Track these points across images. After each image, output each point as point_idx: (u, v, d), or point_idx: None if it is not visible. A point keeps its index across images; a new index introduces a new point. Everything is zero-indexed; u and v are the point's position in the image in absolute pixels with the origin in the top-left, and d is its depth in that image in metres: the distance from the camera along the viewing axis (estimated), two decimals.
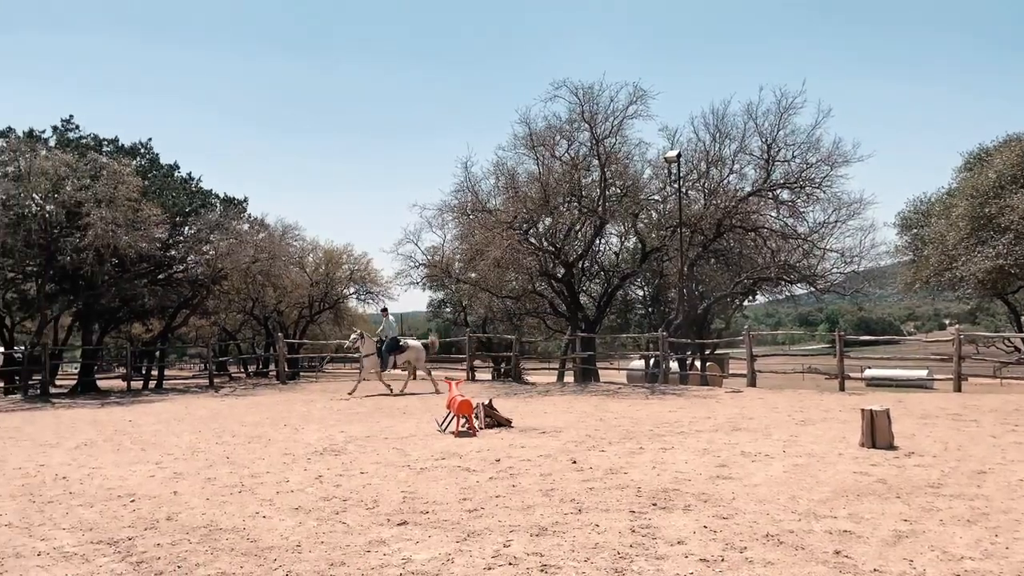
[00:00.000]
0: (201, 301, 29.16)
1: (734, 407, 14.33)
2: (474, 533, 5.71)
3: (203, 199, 26.89)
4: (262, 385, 25.34)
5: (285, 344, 26.57)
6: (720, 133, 24.12)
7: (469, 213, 24.78)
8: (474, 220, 24.43)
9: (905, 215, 28.12)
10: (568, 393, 18.77)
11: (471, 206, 24.63)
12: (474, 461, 8.79)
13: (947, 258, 22.82)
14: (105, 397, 22.04)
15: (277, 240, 30.05)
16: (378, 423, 13.01)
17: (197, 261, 26.89)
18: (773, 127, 23.07)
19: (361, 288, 37.93)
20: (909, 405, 13.66)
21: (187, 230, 26.40)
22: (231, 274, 26.81)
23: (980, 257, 21.28)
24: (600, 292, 29.37)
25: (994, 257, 20.96)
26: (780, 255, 24.66)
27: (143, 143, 27.31)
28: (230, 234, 26.27)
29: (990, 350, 26.03)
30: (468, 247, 25.21)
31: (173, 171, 27.43)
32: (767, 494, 6.79)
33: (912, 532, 5.50)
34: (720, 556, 5.01)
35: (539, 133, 23.22)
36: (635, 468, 8.16)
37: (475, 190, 24.65)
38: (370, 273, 37.31)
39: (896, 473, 7.58)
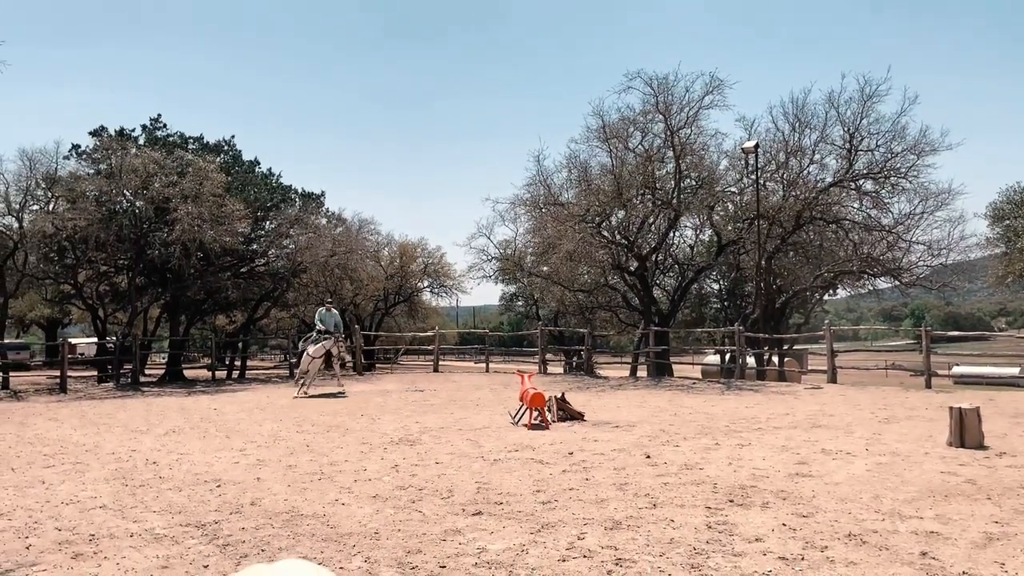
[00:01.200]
0: (282, 294, 30.03)
1: (814, 404, 13.97)
2: (548, 525, 5.73)
3: (283, 194, 27.66)
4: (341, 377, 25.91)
5: (361, 336, 27.11)
6: (800, 122, 23.55)
7: (541, 206, 24.81)
8: (546, 213, 24.44)
9: (997, 205, 26.83)
10: (641, 388, 18.62)
11: (543, 199, 24.65)
12: (547, 454, 8.82)
13: None
14: (191, 386, 22.91)
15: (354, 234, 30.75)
16: (452, 415, 13.17)
17: (278, 255, 27.70)
18: (856, 115, 22.37)
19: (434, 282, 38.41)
20: (1000, 403, 13.07)
21: (268, 224, 27.23)
22: (310, 267, 27.51)
23: None
24: (674, 286, 29.03)
25: None
26: (863, 248, 23.90)
27: (226, 140, 28.25)
28: (309, 228, 26.96)
29: None
30: (540, 240, 25.27)
31: (254, 167, 28.30)
32: (849, 493, 6.61)
33: (1003, 534, 5.27)
34: (800, 555, 4.90)
35: (612, 125, 23.06)
36: (711, 464, 8.05)
37: (547, 183, 24.68)
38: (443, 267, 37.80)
39: (986, 473, 7.27)
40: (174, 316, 28.17)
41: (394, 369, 32.20)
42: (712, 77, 21.90)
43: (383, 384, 21.16)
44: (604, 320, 35.10)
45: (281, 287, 28.89)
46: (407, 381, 21.85)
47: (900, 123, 22.01)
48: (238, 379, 26.97)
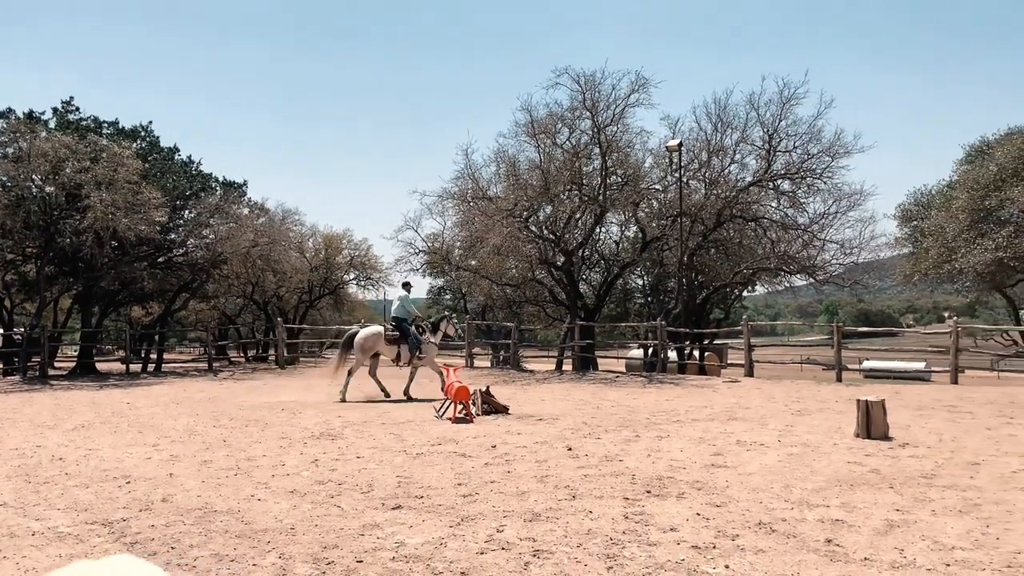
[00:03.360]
0: (201, 285, 29.20)
1: (731, 397, 14.36)
2: (468, 518, 5.73)
3: (203, 182, 26.87)
4: (261, 370, 25.38)
5: (284, 329, 26.59)
6: (722, 123, 24.11)
7: (469, 200, 24.76)
8: (474, 207, 24.41)
9: (905, 207, 28.09)
10: (566, 381, 18.81)
11: (471, 193, 24.60)
12: (470, 447, 8.82)
13: (946, 250, 22.83)
14: (104, 380, 22.08)
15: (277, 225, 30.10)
16: (375, 408, 13.04)
17: (197, 245, 26.91)
18: (775, 117, 23.06)
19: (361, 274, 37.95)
20: (906, 396, 13.69)
21: (187, 213, 26.42)
22: (231, 258, 26.82)
23: (979, 250, 21.28)
24: (600, 281, 29.36)
25: (993, 250, 20.96)
26: (780, 245, 24.66)
27: (143, 126, 27.25)
28: (230, 218, 26.28)
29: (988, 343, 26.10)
30: (468, 234, 25.23)
31: (173, 154, 27.40)
32: (761, 483, 6.81)
33: (904, 522, 5.52)
34: (712, 543, 5.03)
35: (540, 121, 23.15)
36: (630, 456, 8.19)
37: (475, 177, 24.64)
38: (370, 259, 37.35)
39: (890, 463, 7.60)
40: (86, 307, 27.08)
41: (318, 363, 31.68)
42: (638, 76, 22.22)
43: (306, 378, 20.81)
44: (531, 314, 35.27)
45: (200, 278, 28.10)
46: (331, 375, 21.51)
47: (816, 126, 22.82)
48: (154, 372, 26.12)
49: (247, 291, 34.92)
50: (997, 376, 28.62)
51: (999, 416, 11.04)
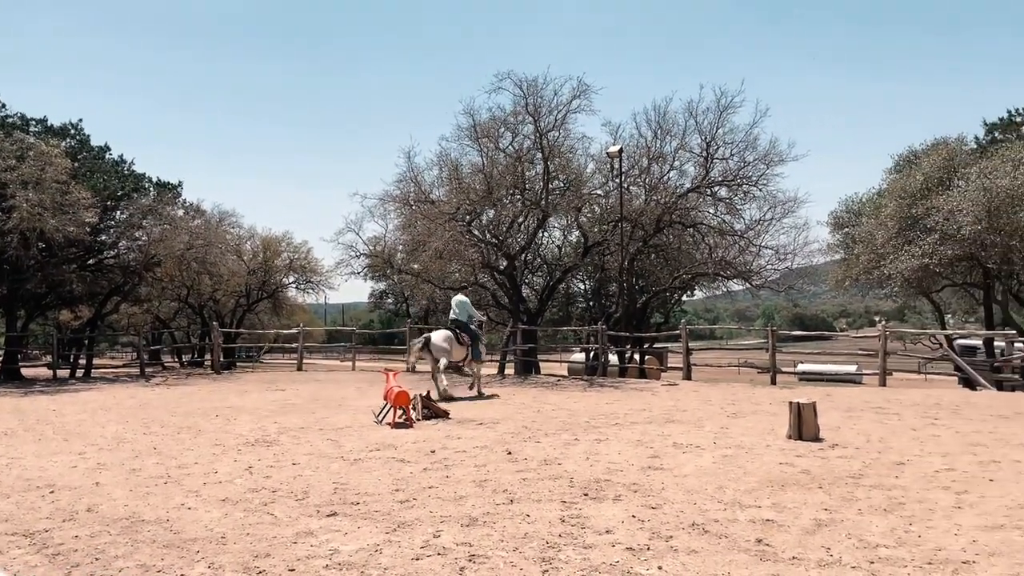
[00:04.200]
0: (133, 288, 28.36)
1: (669, 400, 14.56)
2: (404, 524, 5.69)
3: (136, 183, 26.14)
4: (196, 375, 24.78)
5: (220, 333, 26.02)
6: (661, 130, 24.47)
7: (411, 203, 24.62)
8: (416, 211, 24.28)
9: (837, 214, 28.91)
10: (507, 385, 18.83)
11: (414, 196, 24.47)
12: (409, 452, 8.76)
13: (876, 256, 23.55)
14: (29, 386, 21.28)
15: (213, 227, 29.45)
16: (313, 414, 12.85)
17: (129, 247, 26.14)
18: (712, 125, 23.49)
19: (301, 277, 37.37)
20: (836, 399, 14.07)
21: (119, 214, 25.66)
22: (165, 260, 26.12)
23: (907, 256, 22.02)
24: (542, 285, 29.48)
25: (920, 256, 21.71)
26: (717, 251, 25.12)
27: (73, 124, 26.39)
28: (164, 219, 25.62)
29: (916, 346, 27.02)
30: (410, 238, 25.08)
31: (104, 153, 26.59)
32: (696, 484, 6.92)
33: (831, 521, 5.67)
34: (646, 545, 5.09)
35: (483, 125, 23.15)
36: (569, 459, 8.23)
37: (418, 180, 24.52)
38: (310, 262, 36.80)
39: (819, 464, 7.80)
40: (11, 310, 26.04)
41: (255, 368, 31.10)
42: (580, 82, 22.40)
43: (242, 383, 20.39)
44: None
45: (132, 281, 27.27)
46: (268, 380, 21.15)
47: (752, 134, 23.33)
48: (83, 378, 25.27)
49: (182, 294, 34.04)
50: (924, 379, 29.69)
51: (924, 417, 11.42)
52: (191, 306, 36.33)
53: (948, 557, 4.82)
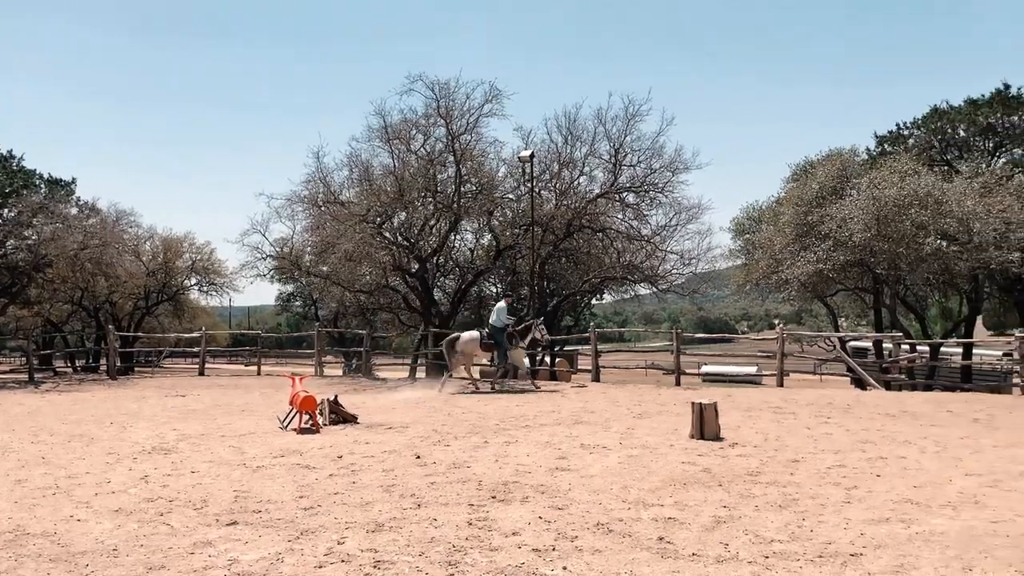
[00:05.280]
0: (22, 289, 26.87)
1: (578, 401, 14.74)
2: (308, 531, 5.57)
3: (25, 179, 24.86)
4: (90, 381, 23.65)
5: (117, 337, 24.91)
6: (572, 136, 24.88)
7: (320, 204, 24.23)
8: (326, 212, 23.90)
9: (739, 220, 29.96)
10: (419, 388, 18.68)
11: (322, 197, 24.10)
12: (315, 458, 8.58)
13: (774, 262, 24.50)
14: None
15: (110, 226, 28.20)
16: (215, 420, 12.45)
17: (17, 246, 24.79)
18: (621, 132, 24.03)
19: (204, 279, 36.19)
20: (737, 399, 14.54)
21: (6, 212, 24.28)
22: (57, 261, 24.86)
23: (803, 261, 22.98)
24: (454, 288, 29.47)
25: (815, 262, 22.71)
26: (625, 256, 25.67)
27: None
28: (56, 218, 24.41)
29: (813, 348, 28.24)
30: (319, 239, 24.64)
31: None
32: (601, 485, 7.03)
33: (730, 518, 5.86)
34: (552, 546, 5.14)
35: (395, 126, 23.03)
36: (478, 462, 8.24)
37: (327, 181, 24.19)
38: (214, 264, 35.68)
39: (720, 463, 8.05)
40: None
41: (155, 373, 29.90)
42: (492, 86, 22.56)
43: (140, 389, 19.57)
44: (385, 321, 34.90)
45: (21, 282, 25.85)
46: (168, 386, 20.37)
47: (659, 142, 24.06)
48: None
49: (75, 296, 32.42)
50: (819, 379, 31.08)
51: (818, 416, 11.93)
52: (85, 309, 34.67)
53: (838, 550, 5.05)
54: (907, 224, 21.76)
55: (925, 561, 4.80)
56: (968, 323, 28.48)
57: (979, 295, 27.34)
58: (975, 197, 22.06)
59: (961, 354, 25.50)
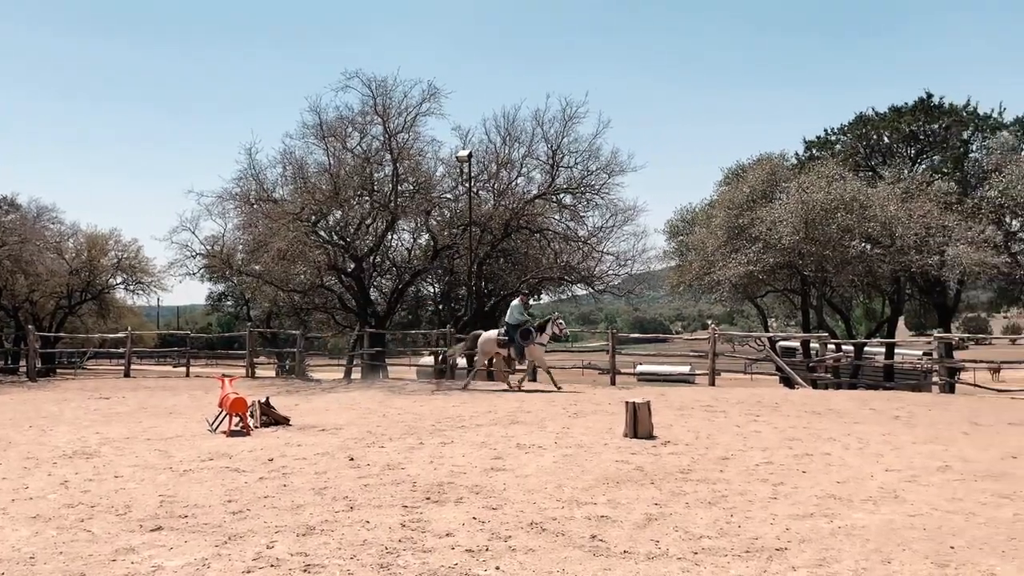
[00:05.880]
0: None
1: (514, 401, 14.77)
2: (236, 536, 5.44)
3: None
4: (9, 383, 22.70)
5: (38, 337, 23.96)
6: (510, 136, 24.94)
7: (253, 202, 23.75)
8: (258, 210, 23.43)
9: (673, 223, 30.50)
10: (353, 389, 18.49)
11: (255, 195, 23.63)
12: (245, 461, 8.40)
13: (707, 263, 25.02)
14: None
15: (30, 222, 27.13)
16: (140, 423, 12.08)
17: None
18: (558, 134, 24.20)
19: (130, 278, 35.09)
20: (670, 398, 14.77)
21: None
22: None
23: (734, 263, 23.53)
24: (391, 288, 29.21)
25: (746, 264, 23.27)
26: (562, 256, 25.86)
27: None
28: None
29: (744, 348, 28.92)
30: (251, 238, 24.15)
31: None
32: (536, 484, 7.06)
33: (661, 515, 5.95)
34: (485, 546, 5.13)
35: (330, 123, 22.73)
36: (413, 463, 8.18)
37: (260, 178, 23.72)
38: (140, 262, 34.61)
39: (652, 461, 8.16)
40: None
41: (78, 375, 28.86)
42: (430, 85, 22.45)
43: (61, 391, 18.87)
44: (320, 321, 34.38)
45: None
46: (91, 388, 19.69)
47: (595, 144, 24.28)
48: None
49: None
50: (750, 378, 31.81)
51: (747, 415, 12.21)
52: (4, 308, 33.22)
53: (764, 545, 5.17)
54: (833, 228, 22.47)
55: (846, 554, 4.95)
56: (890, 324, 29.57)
57: (901, 297, 28.39)
58: (897, 202, 22.93)
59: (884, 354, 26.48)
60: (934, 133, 28.54)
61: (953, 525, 5.60)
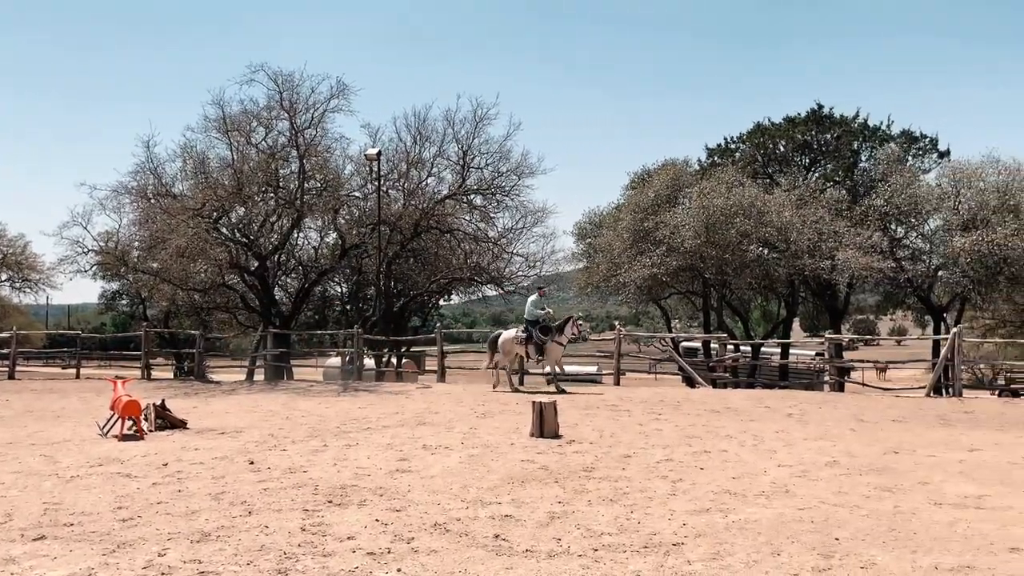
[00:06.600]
0: None
1: (422, 402, 14.70)
2: (125, 544, 5.22)
3: None
4: None
5: None
6: (421, 136, 24.83)
7: (151, 197, 22.84)
8: (156, 205, 22.55)
9: (581, 225, 30.99)
10: (255, 392, 18.02)
11: (153, 189, 22.73)
12: (137, 466, 8.07)
13: (613, 265, 25.53)
14: None
15: None
16: (25, 428, 11.44)
17: None
18: (469, 135, 24.24)
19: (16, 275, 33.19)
20: (576, 398, 14.99)
21: None
22: None
23: (639, 266, 24.10)
24: (297, 287, 28.56)
25: (650, 266, 23.86)
26: (472, 257, 25.89)
27: None
28: None
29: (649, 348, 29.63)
30: (148, 234, 23.22)
31: None
32: (441, 485, 7.04)
33: (564, 513, 6.03)
34: (388, 548, 5.09)
35: (234, 117, 22.09)
36: (316, 466, 8.03)
37: (158, 172, 22.82)
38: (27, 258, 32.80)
39: (557, 460, 8.27)
40: None
41: None
42: (338, 81, 22.12)
43: None
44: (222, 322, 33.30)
45: None
46: None
47: (506, 146, 24.45)
48: None
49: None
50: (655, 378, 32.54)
51: (650, 413, 12.52)
52: None
53: (661, 540, 5.31)
54: (733, 232, 23.29)
55: (739, 548, 5.14)
56: (786, 325, 30.85)
57: (795, 299, 29.65)
58: (792, 208, 23.96)
59: (779, 354, 27.59)
60: (826, 143, 29.93)
61: (839, 517, 5.89)
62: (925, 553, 5.00)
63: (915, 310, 34.03)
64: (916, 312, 36.84)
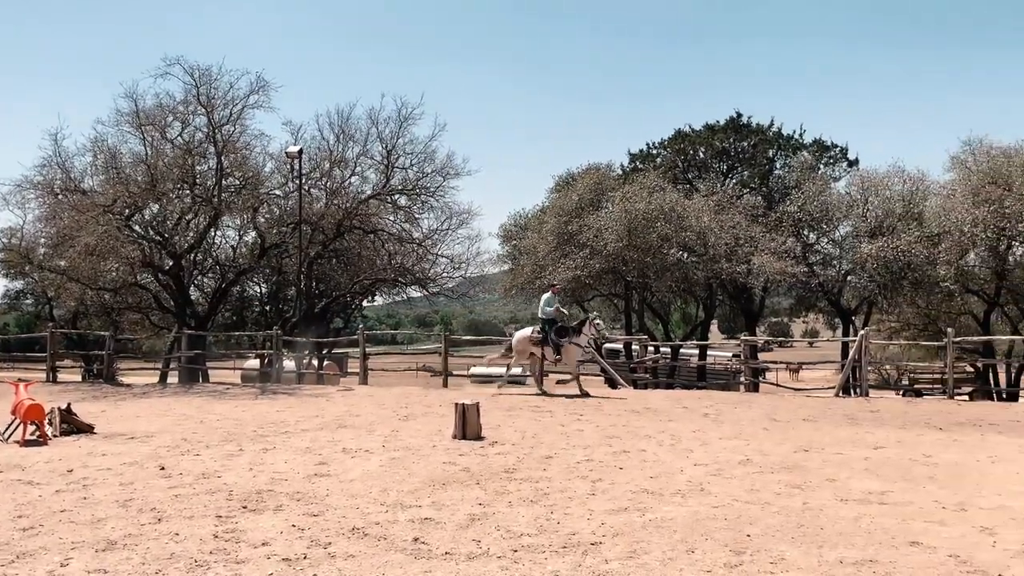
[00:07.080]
0: None
1: (343, 405, 14.48)
2: (25, 554, 4.98)
3: None
4: None
5: None
6: (344, 134, 24.48)
7: (58, 192, 21.85)
8: (64, 201, 21.59)
9: (506, 227, 31.11)
10: (168, 395, 17.42)
11: (60, 184, 21.74)
12: (40, 473, 7.70)
13: (538, 267, 25.72)
14: None
15: None
16: None
17: None
18: (393, 135, 24.05)
19: None
20: (500, 399, 15.03)
21: None
22: None
23: (563, 268, 24.33)
24: (214, 287, 27.76)
25: (574, 269, 24.13)
26: (397, 258, 25.70)
27: None
28: None
29: None
30: (56, 231, 22.20)
31: None
32: (360, 489, 6.95)
33: (484, 515, 6.03)
34: (304, 554, 4.99)
35: (148, 111, 21.32)
36: (230, 471, 7.82)
37: (66, 167, 21.84)
38: None
39: (479, 461, 8.27)
40: None
41: None
42: (258, 77, 21.62)
43: None
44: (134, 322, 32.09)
45: None
46: None
47: (431, 147, 24.34)
48: None
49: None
50: None
51: (572, 414, 12.64)
52: None
53: (580, 540, 5.36)
54: (654, 236, 23.77)
55: (655, 546, 5.23)
56: (704, 327, 31.64)
57: (713, 302, 30.43)
58: (711, 214, 24.60)
59: (697, 355, 28.25)
60: (743, 150, 30.85)
61: (751, 514, 6.06)
62: (831, 548, 5.19)
63: (826, 313, 35.32)
64: (827, 315, 38.26)
